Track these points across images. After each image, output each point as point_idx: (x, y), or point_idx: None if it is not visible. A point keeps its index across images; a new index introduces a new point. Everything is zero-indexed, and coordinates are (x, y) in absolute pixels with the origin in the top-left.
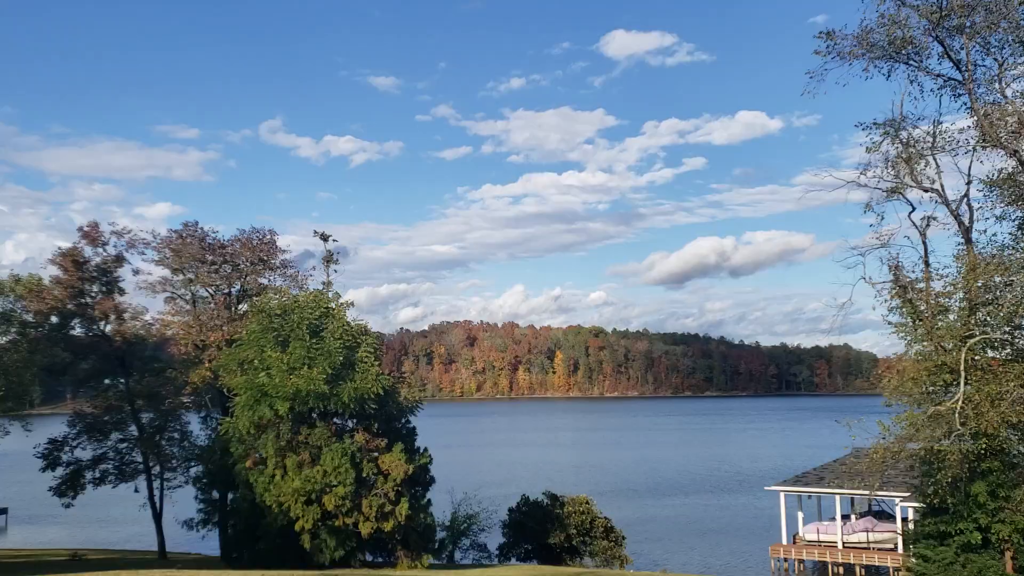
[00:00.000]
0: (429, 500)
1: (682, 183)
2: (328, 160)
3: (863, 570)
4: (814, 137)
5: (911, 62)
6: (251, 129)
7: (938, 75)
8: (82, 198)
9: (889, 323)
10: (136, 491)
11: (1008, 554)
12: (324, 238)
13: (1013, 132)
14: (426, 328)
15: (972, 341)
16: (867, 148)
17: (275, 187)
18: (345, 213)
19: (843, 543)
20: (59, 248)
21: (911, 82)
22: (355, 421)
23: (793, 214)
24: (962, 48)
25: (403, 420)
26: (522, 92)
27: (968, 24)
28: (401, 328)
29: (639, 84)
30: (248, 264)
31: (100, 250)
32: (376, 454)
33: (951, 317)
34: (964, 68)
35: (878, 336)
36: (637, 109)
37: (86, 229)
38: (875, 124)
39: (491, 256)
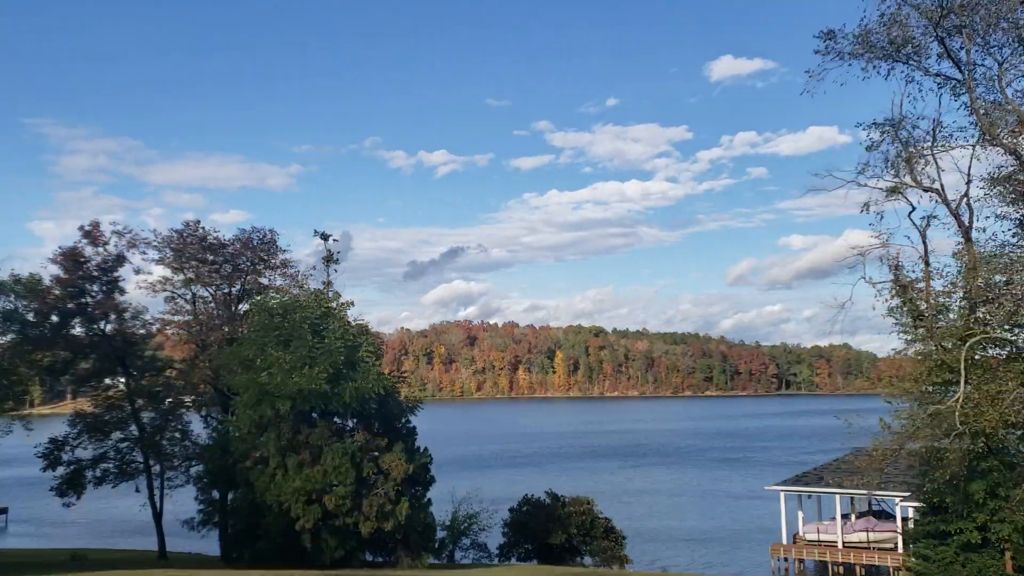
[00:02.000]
0: (429, 500)
1: (740, 191)
2: (417, 170)
3: (863, 570)
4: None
5: (911, 62)
6: (356, 144)
7: (937, 74)
8: (165, 205)
9: (892, 318)
10: (137, 491)
11: (1007, 553)
12: (324, 238)
13: (1013, 131)
14: (426, 328)
15: (972, 340)
16: (867, 147)
17: (354, 195)
18: (412, 217)
19: (843, 543)
20: (59, 247)
21: (910, 82)
22: (355, 421)
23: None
24: (962, 48)
25: (403, 420)
26: (616, 109)
27: (968, 24)
28: (401, 328)
29: (728, 103)
30: (248, 264)
31: (101, 249)
32: (376, 454)
33: (951, 316)
34: (964, 68)
35: (878, 336)
36: (717, 124)
37: (87, 228)
38: (875, 124)
39: (538, 258)
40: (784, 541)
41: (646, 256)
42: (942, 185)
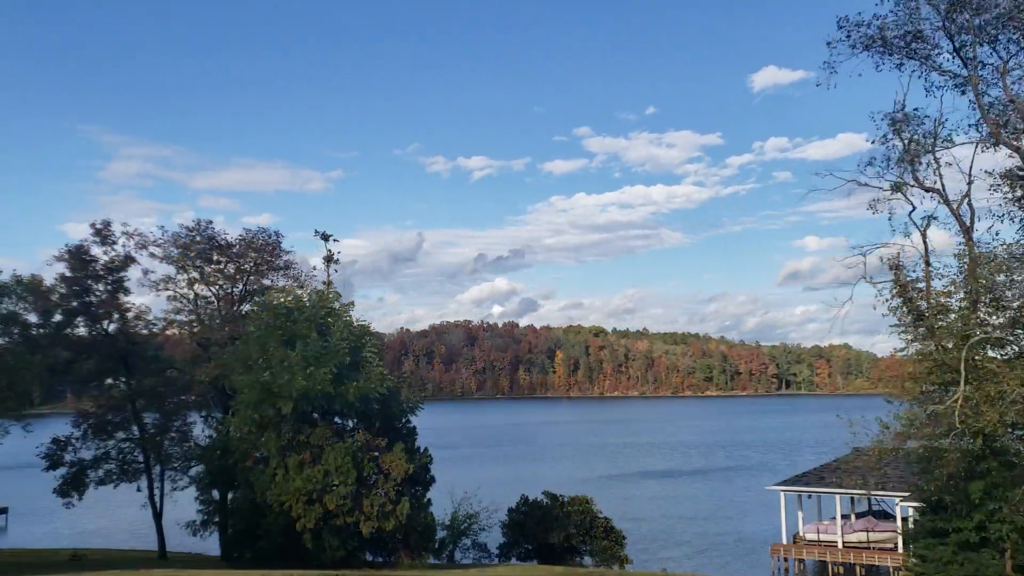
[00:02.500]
0: (429, 500)
1: (764, 195)
2: (455, 174)
3: (863, 570)
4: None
5: (918, 57)
6: (400, 149)
7: (944, 72)
8: (198, 209)
9: (892, 314)
10: (138, 491)
11: (1007, 553)
12: (325, 238)
13: (1017, 130)
14: (426, 328)
15: (972, 340)
16: (873, 141)
17: (385, 198)
18: (436, 219)
19: (843, 543)
20: (66, 245)
21: (918, 77)
22: (356, 421)
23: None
24: (970, 45)
25: (403, 420)
26: (654, 116)
27: (977, 21)
28: (401, 328)
29: (765, 111)
30: (252, 264)
31: (109, 249)
32: (377, 454)
33: (952, 316)
34: (970, 65)
35: (878, 336)
36: (751, 131)
37: (98, 227)
38: (879, 119)
39: (556, 259)
40: (784, 541)
41: (666, 256)
42: (943, 185)
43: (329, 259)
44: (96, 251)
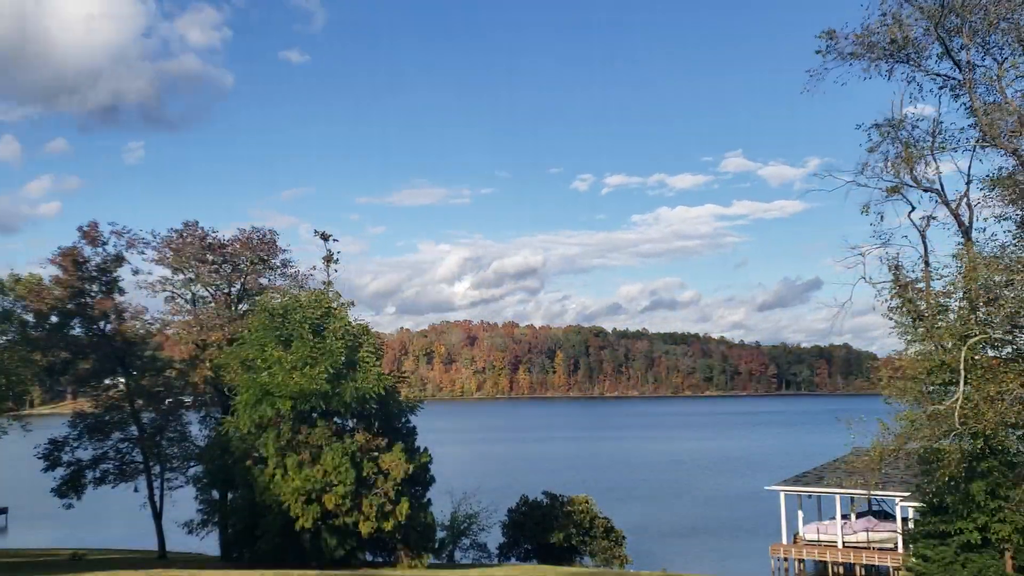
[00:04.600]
0: (429, 500)
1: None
2: (591, 187)
3: (863, 570)
4: None
5: (911, 62)
6: (558, 167)
7: (938, 75)
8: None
9: (891, 318)
10: (136, 491)
11: (1008, 553)
12: (324, 238)
13: (1012, 131)
14: (426, 328)
15: (972, 340)
16: (867, 148)
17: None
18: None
19: (843, 543)
20: (59, 248)
21: (911, 82)
22: (355, 420)
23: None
24: (962, 48)
25: (403, 420)
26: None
27: (968, 24)
28: (401, 328)
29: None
30: (248, 264)
31: (100, 250)
32: (376, 453)
33: (951, 317)
34: (964, 68)
35: (879, 336)
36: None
37: (86, 229)
38: (875, 125)
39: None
40: (784, 541)
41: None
42: (942, 185)
43: (329, 259)
44: (89, 252)
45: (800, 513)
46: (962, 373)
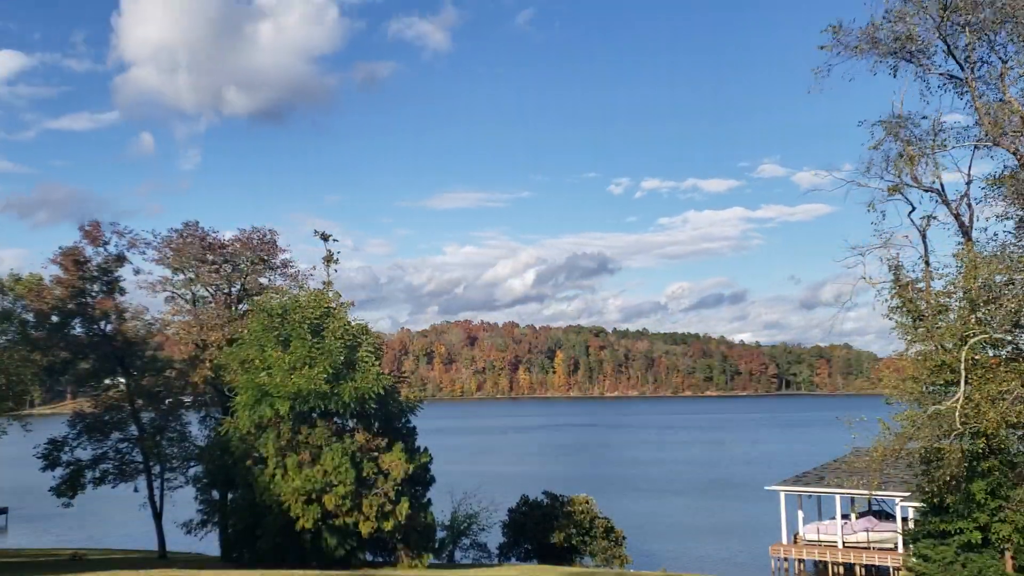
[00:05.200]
0: (429, 500)
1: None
2: (626, 190)
3: (863, 570)
4: None
5: (915, 60)
6: (596, 172)
7: (941, 73)
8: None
9: (891, 318)
10: (136, 491)
11: (1008, 553)
12: (324, 238)
13: (1015, 131)
14: (427, 328)
15: (973, 340)
16: (869, 146)
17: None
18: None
19: (843, 543)
20: (60, 247)
21: (916, 79)
22: (355, 421)
23: None
24: (966, 46)
25: (403, 420)
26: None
27: (973, 22)
28: (402, 328)
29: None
30: (248, 264)
31: (101, 249)
32: (376, 453)
33: (951, 316)
34: (967, 66)
35: (879, 336)
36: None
37: (87, 228)
38: (878, 122)
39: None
40: (784, 541)
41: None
42: (942, 185)
43: (329, 259)
44: (90, 252)
45: (800, 513)
46: (963, 373)
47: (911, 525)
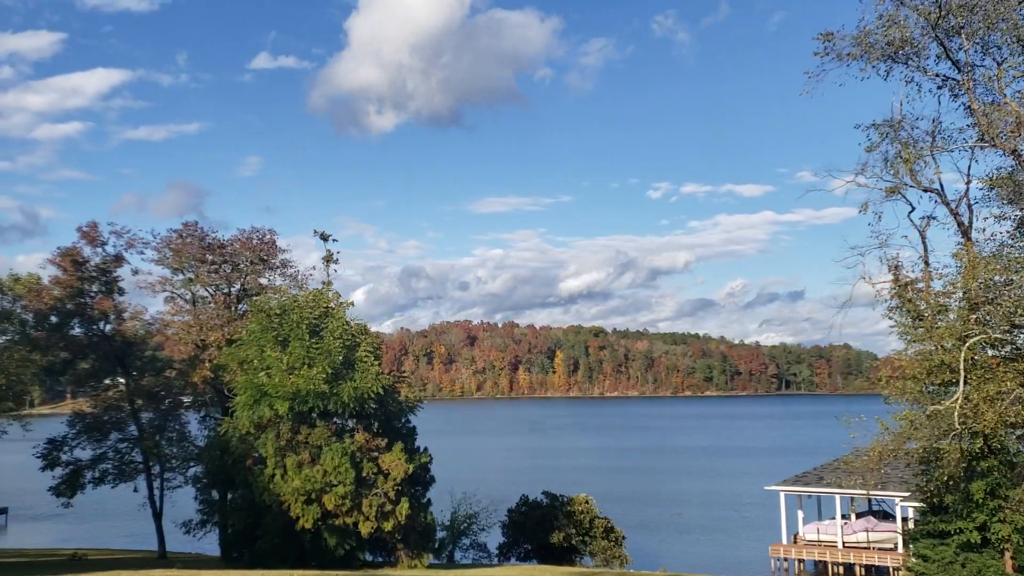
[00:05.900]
0: (429, 500)
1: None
2: (661, 197)
3: (863, 570)
4: None
5: (909, 63)
6: (636, 179)
7: (936, 75)
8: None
9: (891, 318)
10: (135, 491)
11: (1007, 553)
12: (324, 238)
13: (1011, 132)
14: (426, 328)
15: (972, 340)
16: (866, 148)
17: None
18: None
19: (843, 543)
20: (58, 248)
21: (909, 82)
22: (355, 421)
23: None
24: (960, 48)
25: (403, 420)
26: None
27: (967, 24)
28: (401, 328)
29: None
30: (248, 264)
31: (99, 250)
32: (376, 454)
33: (951, 316)
34: (963, 68)
35: (878, 336)
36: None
37: (85, 229)
38: (874, 125)
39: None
40: (784, 541)
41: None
42: (941, 185)
43: (328, 259)
44: (88, 252)
45: (800, 513)
46: (962, 373)
47: (911, 525)
